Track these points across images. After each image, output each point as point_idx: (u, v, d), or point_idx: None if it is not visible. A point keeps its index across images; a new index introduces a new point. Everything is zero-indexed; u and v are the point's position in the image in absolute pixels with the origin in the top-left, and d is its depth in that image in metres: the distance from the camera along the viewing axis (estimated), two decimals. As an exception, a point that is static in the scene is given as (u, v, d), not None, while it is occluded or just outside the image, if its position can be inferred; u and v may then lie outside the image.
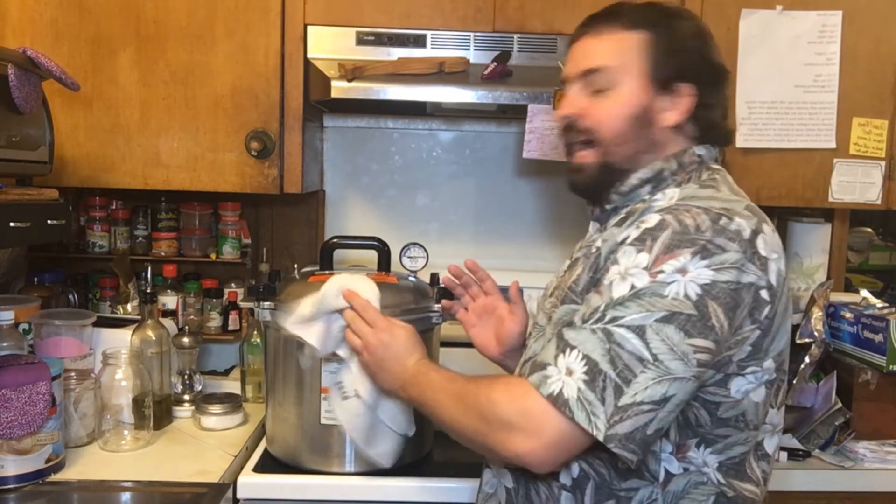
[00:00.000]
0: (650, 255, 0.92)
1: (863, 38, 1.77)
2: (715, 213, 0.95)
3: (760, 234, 0.95)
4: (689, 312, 0.89)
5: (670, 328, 0.89)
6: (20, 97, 1.35)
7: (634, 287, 0.91)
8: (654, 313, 0.90)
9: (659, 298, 0.90)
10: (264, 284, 1.53)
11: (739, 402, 0.98)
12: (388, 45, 1.71)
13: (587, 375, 0.89)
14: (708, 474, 0.99)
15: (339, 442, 1.47)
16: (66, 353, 1.57)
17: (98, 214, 1.99)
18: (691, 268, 0.90)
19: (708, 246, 0.92)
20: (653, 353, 0.89)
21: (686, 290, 0.90)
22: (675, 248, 0.92)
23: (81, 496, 1.41)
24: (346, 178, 2.15)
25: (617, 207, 1.11)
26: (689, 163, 1.07)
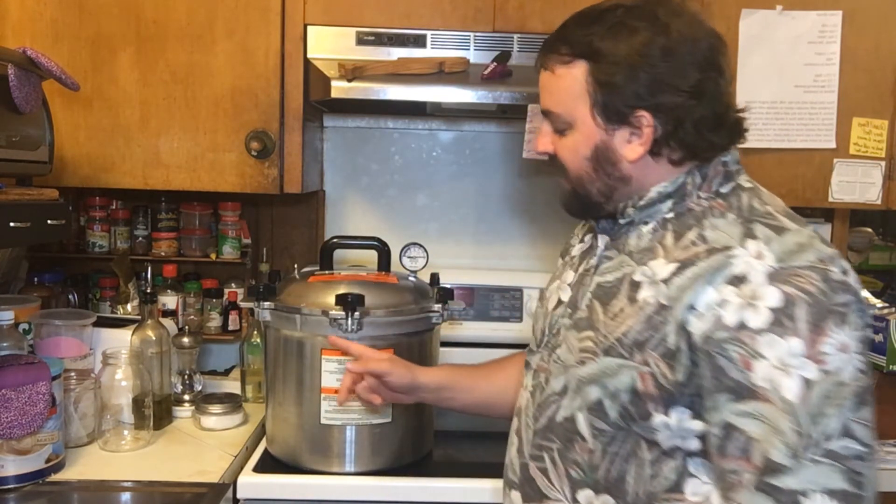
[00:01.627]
0: (801, 339, 0.85)
1: (863, 38, 1.77)
2: (821, 269, 0.88)
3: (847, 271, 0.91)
4: (867, 385, 0.87)
5: (864, 410, 0.86)
6: (20, 97, 1.35)
7: (809, 381, 0.84)
8: (847, 403, 0.85)
9: (843, 387, 0.84)
10: (264, 284, 1.53)
11: None
12: (388, 45, 1.71)
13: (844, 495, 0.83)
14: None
15: (339, 442, 1.48)
16: (66, 353, 1.57)
17: (98, 214, 1.99)
18: (847, 340, 0.85)
19: (841, 310, 0.86)
20: (866, 443, 0.85)
21: (857, 366, 0.86)
22: (820, 322, 0.85)
23: (81, 496, 1.41)
24: (346, 178, 2.15)
25: (633, 222, 1.04)
26: (714, 174, 1.00)
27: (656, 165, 1.01)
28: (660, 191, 1.01)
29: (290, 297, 1.51)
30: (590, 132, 1.01)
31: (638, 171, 1.01)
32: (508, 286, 2.03)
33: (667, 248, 0.98)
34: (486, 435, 1.74)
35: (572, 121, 1.02)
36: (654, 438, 0.95)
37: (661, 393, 0.93)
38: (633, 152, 0.99)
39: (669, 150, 0.99)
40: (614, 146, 1.00)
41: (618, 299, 0.99)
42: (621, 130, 0.99)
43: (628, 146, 1.00)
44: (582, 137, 1.02)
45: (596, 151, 1.01)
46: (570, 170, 1.05)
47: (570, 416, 1.02)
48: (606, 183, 1.03)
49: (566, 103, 1.02)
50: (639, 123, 0.98)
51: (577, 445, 1.01)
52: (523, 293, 2.02)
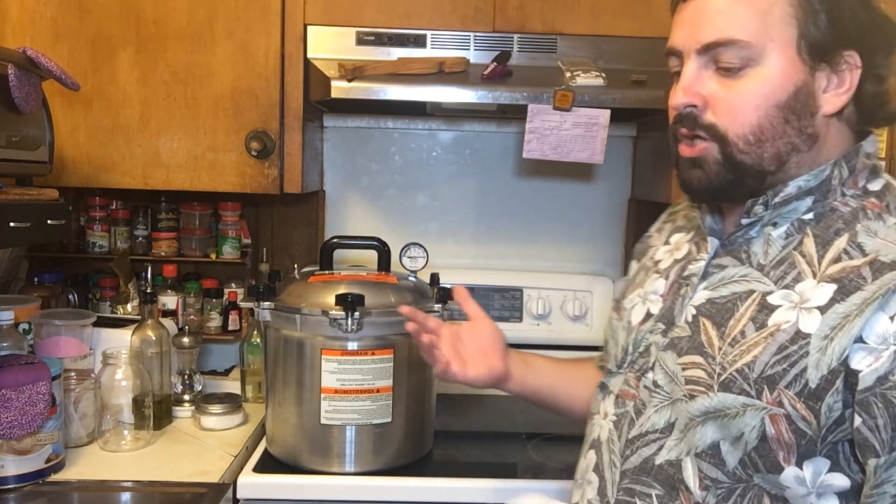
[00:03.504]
0: None
1: (863, 38, 1.77)
2: None
3: None
4: None
5: None
6: (20, 97, 1.34)
7: None
8: None
9: None
10: (264, 284, 1.53)
11: None
12: (388, 45, 1.71)
13: None
14: None
15: (339, 442, 1.48)
16: (66, 353, 1.57)
17: (98, 214, 1.99)
18: None
19: None
20: None
21: None
22: None
23: (81, 496, 1.41)
24: (346, 178, 2.15)
25: (756, 223, 0.86)
26: (862, 167, 0.84)
27: (840, 129, 0.83)
28: (800, 185, 0.83)
29: (290, 297, 1.51)
30: (789, 70, 0.80)
31: (827, 130, 0.83)
32: (508, 286, 2.03)
33: (810, 260, 0.80)
34: (486, 435, 1.75)
35: (762, 52, 0.80)
36: (781, 494, 0.80)
37: (797, 440, 0.77)
38: (833, 103, 0.81)
39: (854, 111, 0.83)
40: (816, 91, 0.81)
41: (738, 321, 0.82)
42: (823, 73, 0.81)
43: (829, 94, 0.81)
44: (779, 76, 0.80)
45: (796, 96, 0.81)
46: (740, 123, 0.82)
47: (675, 460, 0.86)
48: (791, 142, 0.82)
49: (758, 29, 0.79)
50: (845, 66, 0.80)
51: (682, 496, 0.85)
52: (523, 293, 2.02)
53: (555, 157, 1.69)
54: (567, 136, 1.66)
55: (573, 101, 1.62)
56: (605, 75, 1.64)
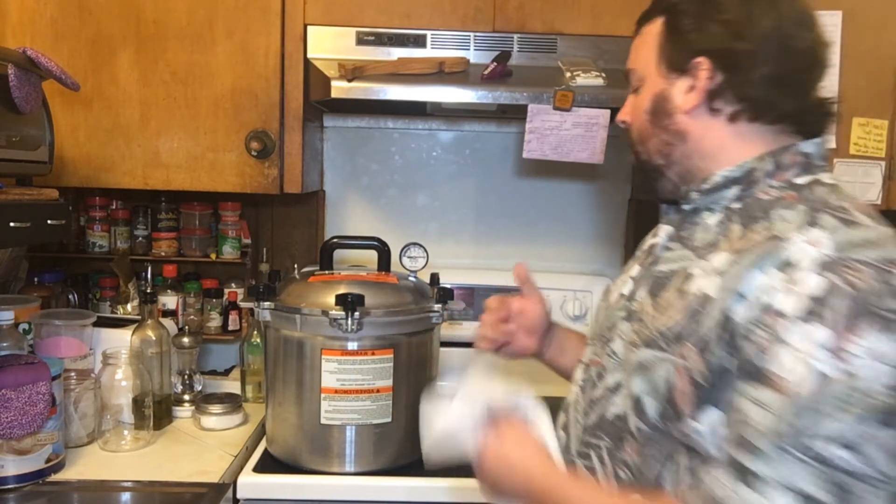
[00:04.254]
0: (831, 332, 0.77)
1: (863, 38, 1.77)
2: (882, 270, 0.79)
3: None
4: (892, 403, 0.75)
5: (884, 431, 0.75)
6: (20, 97, 1.35)
7: (826, 377, 0.76)
8: (857, 414, 0.75)
9: (857, 394, 0.75)
10: (264, 284, 1.53)
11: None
12: (388, 45, 1.71)
13: None
14: None
15: (339, 442, 1.48)
16: (66, 353, 1.57)
17: (98, 214, 1.99)
18: (882, 347, 0.76)
19: (889, 317, 0.77)
20: (871, 464, 0.75)
21: (882, 378, 0.76)
22: (857, 321, 0.76)
23: (81, 496, 1.41)
24: (346, 178, 2.15)
25: (698, 209, 0.98)
26: (791, 163, 0.93)
27: (714, 123, 0.96)
28: (726, 175, 0.94)
29: (290, 297, 1.51)
30: (653, 83, 0.99)
31: (694, 125, 0.97)
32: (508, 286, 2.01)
33: (731, 240, 0.90)
34: (486, 435, 1.74)
35: (643, 75, 1.01)
36: (693, 446, 0.87)
37: (695, 391, 0.86)
38: (688, 102, 0.95)
39: (726, 104, 0.94)
40: (671, 95, 0.97)
41: (668, 291, 0.93)
42: (681, 80, 0.96)
43: (685, 96, 0.96)
44: (646, 90, 1.00)
45: (654, 102, 0.99)
46: (634, 129, 1.03)
47: (622, 414, 0.95)
48: (662, 139, 0.99)
49: (641, 58, 1.01)
50: (696, 70, 0.94)
51: (628, 445, 0.94)
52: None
53: (555, 158, 1.69)
54: (567, 136, 1.66)
55: (573, 101, 1.62)
56: (605, 75, 1.64)
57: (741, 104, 0.94)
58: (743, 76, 0.92)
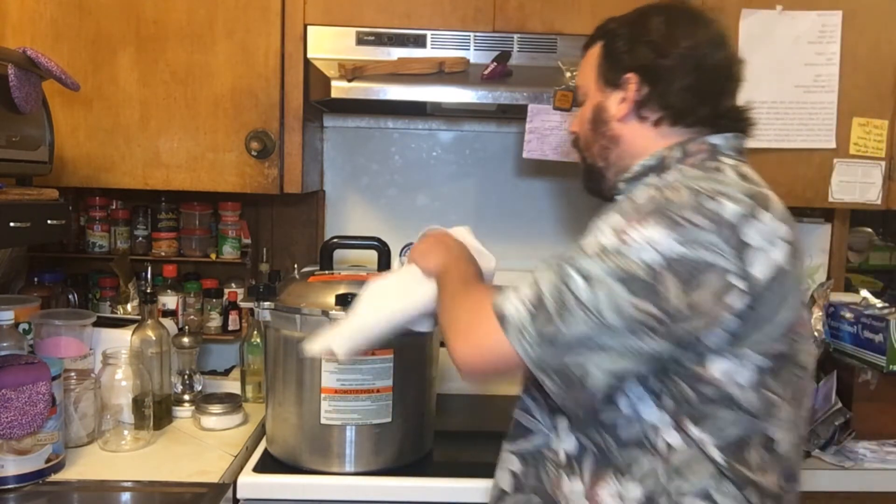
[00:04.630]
0: (625, 220, 0.96)
1: (863, 38, 1.77)
2: (699, 192, 0.96)
3: (753, 220, 0.95)
4: (642, 277, 0.92)
5: (619, 286, 0.93)
6: (20, 97, 1.35)
7: (602, 244, 0.96)
8: (609, 268, 0.94)
9: (619, 257, 0.94)
10: (264, 284, 1.53)
11: (722, 382, 0.97)
12: (388, 45, 1.71)
13: (531, 303, 0.97)
14: (707, 453, 0.99)
15: (339, 442, 1.48)
16: (66, 353, 1.57)
17: (98, 214, 1.99)
18: (657, 237, 0.93)
19: (682, 222, 0.93)
20: (593, 299, 0.93)
21: (647, 258, 0.93)
22: (651, 217, 0.95)
23: (81, 496, 1.41)
24: (346, 178, 2.15)
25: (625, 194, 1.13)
26: (697, 150, 1.08)
27: (641, 128, 1.12)
28: (643, 164, 1.10)
29: (290, 297, 1.51)
30: (593, 97, 1.17)
31: (626, 131, 1.13)
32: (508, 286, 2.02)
33: None
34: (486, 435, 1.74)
35: (586, 91, 1.18)
36: None
37: None
38: (620, 111, 1.12)
39: (652, 112, 1.10)
40: (607, 106, 1.14)
41: None
42: (615, 93, 1.13)
43: (618, 106, 1.12)
44: (588, 103, 1.18)
45: (594, 113, 1.16)
46: (580, 136, 1.20)
47: None
48: (601, 144, 1.16)
49: (585, 76, 1.19)
50: (627, 84, 1.11)
51: None
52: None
53: (555, 157, 1.69)
54: (567, 136, 1.66)
55: (573, 101, 1.62)
56: (605, 75, 1.64)
57: (664, 111, 1.09)
58: (665, 88, 1.09)
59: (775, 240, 0.96)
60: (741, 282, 0.94)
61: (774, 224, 0.97)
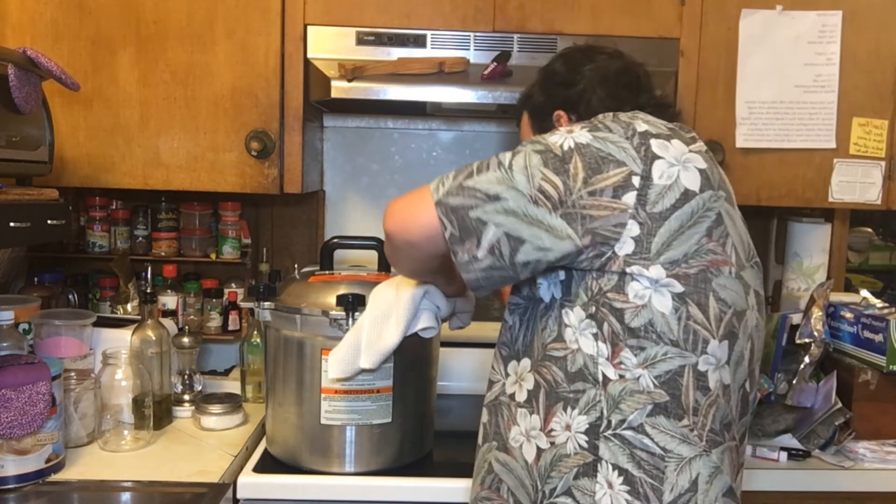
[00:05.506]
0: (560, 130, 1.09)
1: (863, 38, 1.77)
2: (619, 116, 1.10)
3: (663, 140, 1.05)
4: (556, 153, 1.03)
5: (535, 156, 1.03)
6: (20, 97, 1.35)
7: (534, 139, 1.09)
8: (534, 146, 1.05)
9: (542, 141, 1.06)
10: (264, 284, 1.53)
11: (641, 307, 1.02)
12: (388, 45, 1.71)
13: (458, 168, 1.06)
14: (643, 384, 1.03)
15: (339, 442, 1.48)
16: (66, 353, 1.57)
17: (98, 214, 1.99)
18: (577, 131, 1.06)
19: (598, 125, 1.07)
20: (511, 163, 1.03)
21: (562, 142, 1.04)
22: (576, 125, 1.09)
23: (81, 496, 1.41)
24: (346, 178, 2.15)
25: None
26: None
27: None
28: None
29: (290, 297, 1.51)
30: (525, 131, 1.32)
31: None
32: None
33: None
34: (486, 435, 1.74)
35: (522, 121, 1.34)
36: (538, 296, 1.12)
37: None
38: None
39: None
40: None
41: None
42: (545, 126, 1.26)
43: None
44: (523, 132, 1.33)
45: None
46: None
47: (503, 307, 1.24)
48: None
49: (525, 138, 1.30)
50: (559, 121, 1.24)
51: (504, 329, 1.20)
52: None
53: (555, 157, 1.69)
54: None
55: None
56: (604, 75, 1.64)
57: None
58: (586, 107, 1.21)
59: (686, 163, 1.04)
60: (641, 182, 1.01)
61: (687, 152, 1.05)
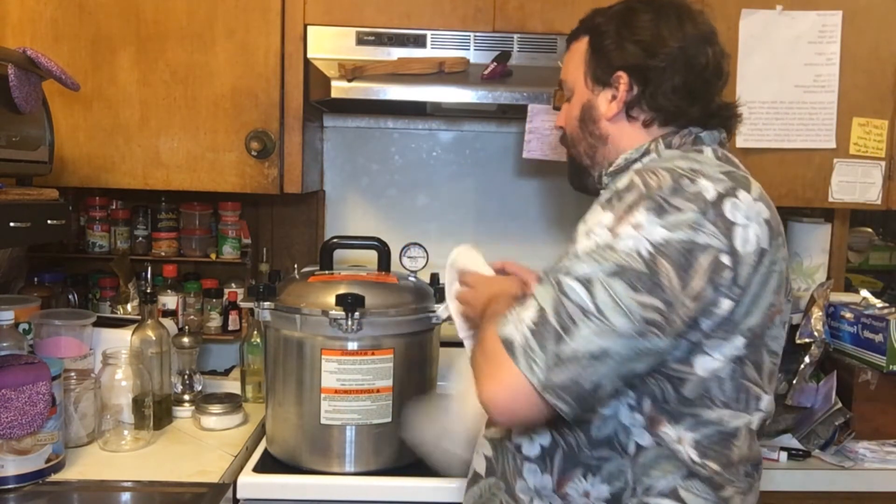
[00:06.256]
0: (613, 214, 0.94)
1: (863, 38, 1.77)
2: (678, 174, 0.95)
3: (731, 198, 0.95)
4: (639, 269, 0.90)
5: (618, 283, 0.90)
6: (20, 97, 1.35)
7: (594, 243, 0.93)
8: (605, 267, 0.91)
9: (611, 252, 0.91)
10: (264, 284, 1.53)
11: (703, 379, 0.97)
12: (388, 45, 1.71)
13: (534, 324, 0.91)
14: (680, 451, 0.99)
15: (339, 442, 1.48)
16: (66, 353, 1.57)
17: (98, 214, 1.99)
18: (646, 224, 0.91)
19: (664, 205, 0.92)
20: (597, 305, 0.90)
21: (638, 247, 0.91)
22: (635, 206, 0.93)
23: (81, 496, 1.41)
24: (346, 178, 2.15)
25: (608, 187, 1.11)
26: (680, 143, 1.08)
27: (630, 127, 1.11)
28: (626, 157, 1.10)
29: (290, 297, 1.51)
30: (581, 94, 1.15)
31: (614, 130, 1.12)
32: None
33: None
34: (486, 435, 1.74)
35: (573, 87, 1.16)
36: None
37: None
38: (610, 110, 1.11)
39: (642, 112, 1.09)
40: (597, 104, 1.12)
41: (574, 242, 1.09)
42: (604, 92, 1.11)
43: (607, 105, 1.11)
44: (576, 100, 1.16)
45: (583, 111, 1.14)
46: (567, 133, 1.19)
47: None
48: (589, 142, 1.15)
49: (571, 72, 1.16)
50: (617, 83, 1.09)
51: None
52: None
53: (555, 157, 1.69)
54: (567, 136, 1.65)
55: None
56: (605, 75, 1.64)
57: (654, 113, 1.09)
58: (654, 89, 1.07)
59: (756, 217, 0.96)
60: (729, 259, 0.93)
61: (753, 203, 0.97)
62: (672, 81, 1.06)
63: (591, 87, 1.13)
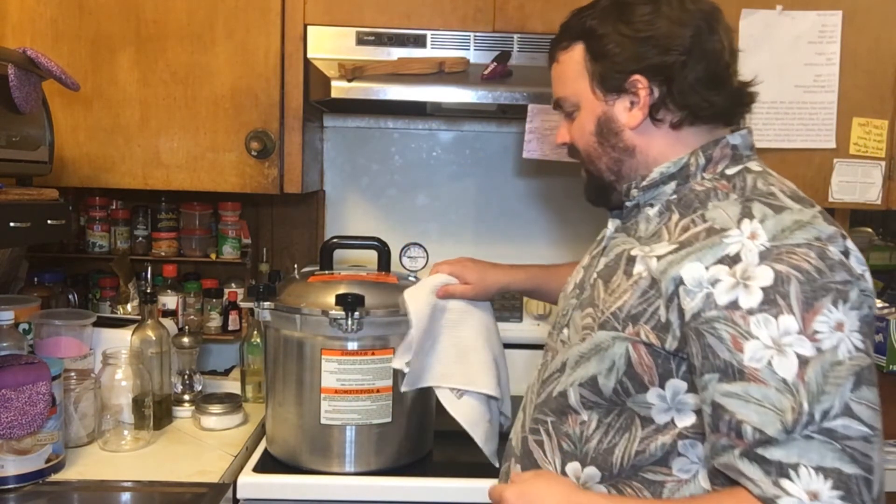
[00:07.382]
0: (795, 317, 0.84)
1: (863, 38, 1.77)
2: (817, 247, 0.87)
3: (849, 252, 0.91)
4: (866, 364, 0.84)
5: (863, 390, 0.83)
6: (20, 97, 1.35)
7: (804, 358, 0.83)
8: (846, 383, 0.82)
9: (839, 366, 0.83)
10: (264, 284, 1.53)
11: None
12: (388, 45, 1.71)
13: (840, 489, 0.80)
14: None
15: (339, 442, 1.48)
16: (66, 353, 1.57)
17: (98, 214, 1.99)
18: (842, 318, 0.84)
19: (838, 288, 0.85)
20: (868, 424, 0.82)
21: (854, 345, 0.84)
22: (814, 300, 0.84)
23: (81, 496, 1.41)
24: (346, 178, 2.15)
25: (639, 204, 1.05)
26: (721, 157, 1.01)
27: (659, 132, 1.03)
28: (662, 171, 1.02)
29: (290, 297, 1.51)
30: (592, 107, 1.05)
31: (641, 139, 1.04)
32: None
33: (671, 230, 0.98)
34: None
35: (578, 101, 1.06)
36: (648, 414, 0.97)
37: (655, 362, 0.95)
38: (634, 119, 1.02)
39: (669, 113, 1.01)
40: (615, 115, 1.03)
41: (616, 275, 1.01)
42: (621, 99, 1.03)
43: (628, 114, 1.02)
44: (587, 114, 1.06)
45: (599, 124, 1.05)
46: (581, 150, 1.09)
47: (563, 390, 1.04)
48: (612, 156, 1.06)
49: (570, 85, 1.07)
50: (634, 88, 1.01)
51: (570, 418, 1.04)
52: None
53: (555, 157, 1.69)
54: (567, 136, 1.65)
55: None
56: (605, 75, 1.64)
57: (683, 111, 1.00)
58: (679, 85, 0.99)
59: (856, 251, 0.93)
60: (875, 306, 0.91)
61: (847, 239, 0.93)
62: (695, 73, 0.98)
63: (603, 97, 1.03)
